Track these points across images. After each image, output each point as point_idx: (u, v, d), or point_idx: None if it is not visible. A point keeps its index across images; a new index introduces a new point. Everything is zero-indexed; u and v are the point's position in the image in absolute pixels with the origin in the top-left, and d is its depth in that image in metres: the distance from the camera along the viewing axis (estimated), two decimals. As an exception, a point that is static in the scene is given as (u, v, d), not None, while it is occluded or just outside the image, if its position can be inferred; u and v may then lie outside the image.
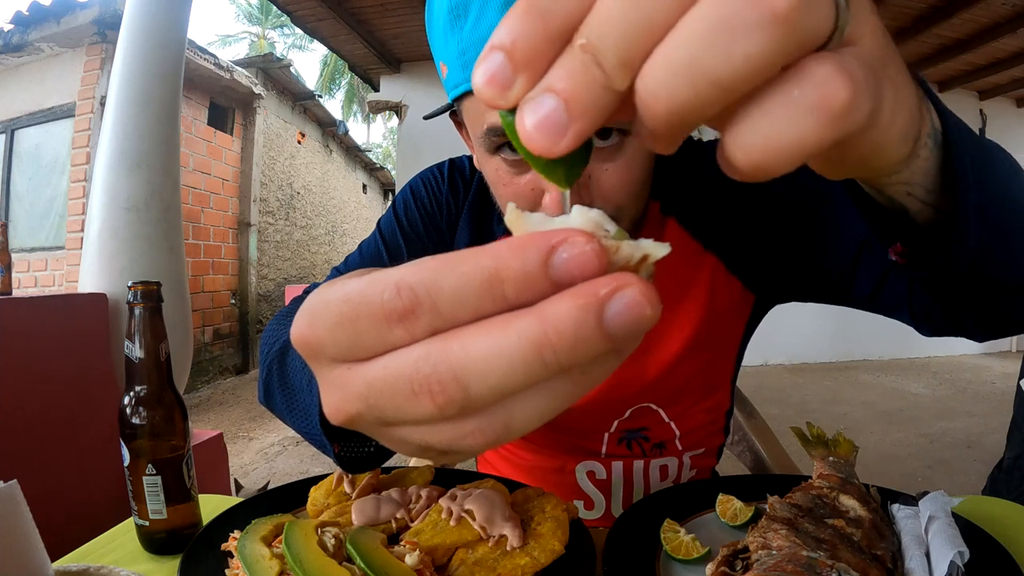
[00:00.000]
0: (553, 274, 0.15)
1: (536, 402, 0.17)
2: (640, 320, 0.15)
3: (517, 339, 0.15)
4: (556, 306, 0.15)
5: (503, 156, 0.52)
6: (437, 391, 0.16)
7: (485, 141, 0.52)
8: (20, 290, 3.99)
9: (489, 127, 0.50)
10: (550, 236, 0.16)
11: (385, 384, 0.17)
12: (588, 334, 0.15)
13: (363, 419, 0.19)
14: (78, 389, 1.71)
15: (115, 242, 1.86)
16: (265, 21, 18.19)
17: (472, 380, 0.16)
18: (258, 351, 0.58)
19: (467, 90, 0.50)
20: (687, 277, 0.66)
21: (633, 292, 0.15)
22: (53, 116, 4.15)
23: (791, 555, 0.40)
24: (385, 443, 0.21)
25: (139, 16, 1.90)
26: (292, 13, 4.67)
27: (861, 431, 3.23)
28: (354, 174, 8.89)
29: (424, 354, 0.17)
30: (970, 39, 4.73)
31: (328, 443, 0.40)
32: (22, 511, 0.38)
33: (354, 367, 0.18)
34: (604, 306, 0.15)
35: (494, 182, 0.55)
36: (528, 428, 0.18)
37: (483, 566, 0.43)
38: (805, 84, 0.16)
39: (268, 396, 0.51)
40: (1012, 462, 1.71)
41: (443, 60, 0.52)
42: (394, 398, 0.17)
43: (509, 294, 0.16)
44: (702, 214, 0.65)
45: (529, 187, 0.52)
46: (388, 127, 24.27)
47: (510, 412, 0.17)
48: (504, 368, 0.16)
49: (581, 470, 0.72)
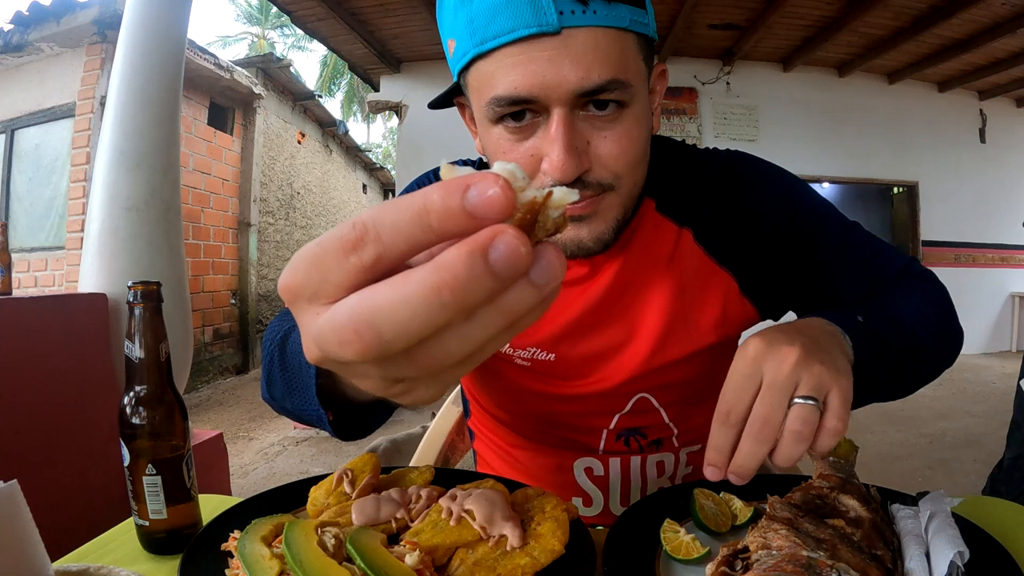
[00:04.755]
0: (467, 206, 0.18)
1: (453, 345, 0.20)
2: (518, 258, 0.18)
3: (417, 286, 0.18)
4: (448, 254, 0.18)
5: (505, 125, 0.54)
6: (354, 339, 0.19)
7: (489, 111, 0.53)
8: (20, 290, 3.99)
9: (493, 96, 0.51)
10: (467, 178, 0.19)
11: (322, 331, 0.20)
12: (479, 272, 0.18)
13: (326, 361, 0.22)
14: (78, 389, 1.71)
15: (115, 242, 1.86)
16: (265, 21, 18.18)
17: (384, 326, 0.19)
18: (259, 350, 0.60)
19: (475, 55, 0.51)
20: (700, 287, 0.67)
21: (509, 236, 0.18)
22: (53, 116, 4.15)
23: (791, 555, 0.40)
24: (354, 382, 0.25)
25: (139, 16, 1.90)
26: (292, 13, 4.67)
27: (861, 431, 3.23)
28: (354, 174, 8.89)
29: (351, 305, 0.20)
30: (970, 39, 4.73)
31: (323, 411, 0.43)
32: (22, 511, 0.38)
33: (320, 312, 0.21)
34: (488, 249, 0.18)
35: (494, 152, 0.57)
36: (457, 373, 0.22)
37: (483, 566, 0.43)
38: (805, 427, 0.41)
39: (270, 385, 0.53)
40: (1012, 462, 1.71)
41: (452, 36, 0.54)
42: (331, 345, 0.20)
43: (434, 223, 0.19)
44: (719, 233, 0.67)
45: (528, 154, 0.53)
46: (388, 127, 24.25)
47: (433, 355, 0.20)
48: (409, 312, 0.19)
49: (579, 467, 0.72)
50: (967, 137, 5.94)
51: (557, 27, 0.47)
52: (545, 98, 0.50)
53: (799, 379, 0.41)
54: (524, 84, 0.49)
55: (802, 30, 4.89)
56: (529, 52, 0.49)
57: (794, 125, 5.65)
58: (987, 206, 5.87)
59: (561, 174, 0.51)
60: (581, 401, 0.69)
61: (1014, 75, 5.41)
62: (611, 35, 0.50)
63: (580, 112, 0.52)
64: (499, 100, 0.51)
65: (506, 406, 0.75)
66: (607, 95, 0.51)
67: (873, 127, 5.76)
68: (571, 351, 0.67)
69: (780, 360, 0.42)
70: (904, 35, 4.71)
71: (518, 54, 0.49)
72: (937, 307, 0.62)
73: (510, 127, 0.53)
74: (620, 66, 0.51)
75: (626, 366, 0.67)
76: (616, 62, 0.50)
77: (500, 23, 0.48)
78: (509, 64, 0.50)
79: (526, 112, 0.52)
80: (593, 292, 0.66)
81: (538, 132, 0.53)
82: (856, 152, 5.74)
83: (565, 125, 0.50)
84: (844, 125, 5.71)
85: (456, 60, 0.54)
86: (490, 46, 0.50)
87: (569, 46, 0.48)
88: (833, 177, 5.98)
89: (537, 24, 0.47)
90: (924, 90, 5.90)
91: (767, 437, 0.40)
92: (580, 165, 0.52)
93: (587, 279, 0.66)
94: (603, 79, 0.49)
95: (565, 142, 0.50)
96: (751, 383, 0.42)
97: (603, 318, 0.67)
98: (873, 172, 5.87)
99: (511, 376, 0.70)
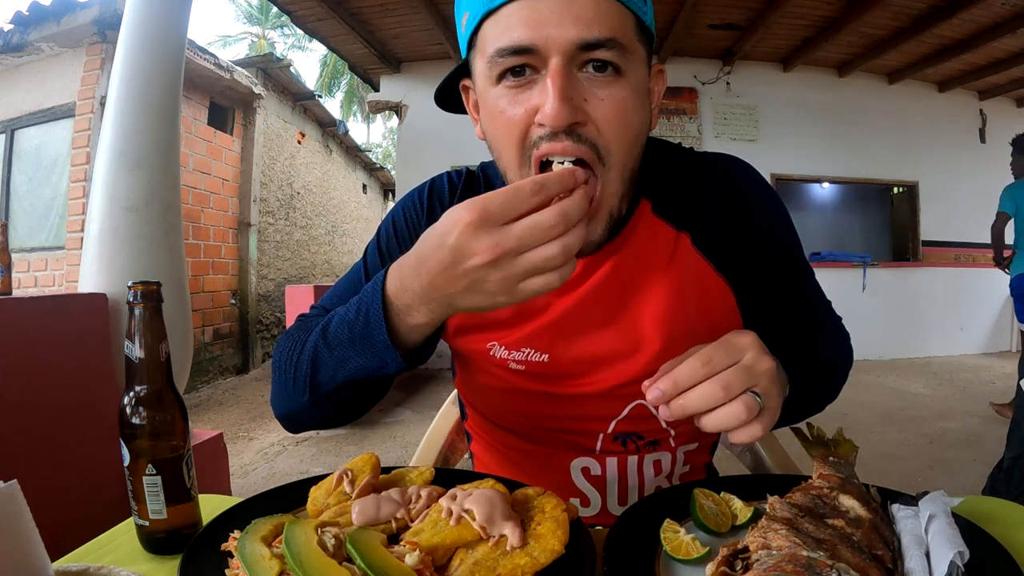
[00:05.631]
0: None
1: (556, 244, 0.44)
2: (583, 205, 0.45)
3: (554, 213, 0.44)
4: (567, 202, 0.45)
5: (505, 83, 0.56)
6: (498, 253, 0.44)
7: (492, 65, 0.55)
8: (20, 290, 3.99)
9: (497, 48, 0.54)
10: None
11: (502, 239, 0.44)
12: (580, 204, 0.45)
13: (456, 276, 0.47)
14: (78, 389, 1.71)
15: (115, 242, 1.86)
16: (265, 21, 18.19)
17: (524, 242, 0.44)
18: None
19: (484, 13, 0.55)
20: (699, 292, 0.67)
21: (577, 194, 0.46)
22: (53, 116, 4.15)
23: (791, 555, 0.40)
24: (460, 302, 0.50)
25: (139, 16, 1.90)
26: (292, 13, 4.67)
27: (861, 431, 3.23)
28: (354, 174, 8.89)
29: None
30: (970, 39, 4.74)
31: (392, 347, 0.52)
32: (22, 511, 0.38)
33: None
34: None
35: (493, 114, 0.58)
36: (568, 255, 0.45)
37: (483, 566, 0.43)
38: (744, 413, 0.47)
39: (315, 369, 0.58)
40: (1012, 462, 1.71)
41: (467, 9, 0.57)
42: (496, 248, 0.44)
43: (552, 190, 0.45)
44: (717, 240, 0.68)
45: (524, 107, 0.55)
46: (388, 127, 24.27)
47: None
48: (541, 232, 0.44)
49: (576, 467, 0.72)
50: (967, 137, 5.95)
51: None
52: (544, 48, 0.52)
53: (761, 382, 0.48)
54: (526, 34, 0.52)
55: (802, 30, 4.90)
56: (533, 5, 0.52)
57: (794, 125, 5.65)
58: (987, 206, 5.83)
59: (553, 119, 0.52)
60: (577, 403, 0.69)
61: (1014, 75, 5.42)
62: (612, 4, 0.53)
63: (578, 72, 0.54)
64: (502, 51, 0.54)
65: (502, 410, 0.75)
66: (605, 53, 0.53)
67: (873, 127, 5.76)
68: (565, 352, 0.67)
69: (761, 359, 0.49)
70: (904, 35, 4.71)
71: (522, 8, 0.53)
72: (846, 364, 0.74)
73: (510, 83, 0.55)
74: (620, 30, 0.54)
75: (622, 368, 0.67)
76: (616, 26, 0.53)
77: None
78: (513, 18, 0.53)
79: (526, 69, 0.55)
80: (586, 291, 0.66)
81: (536, 88, 0.55)
82: (856, 152, 5.74)
83: (562, 75, 0.53)
84: (844, 125, 5.71)
85: (467, 28, 0.58)
86: (498, 2, 0.53)
87: (571, 4, 0.52)
88: (833, 177, 5.99)
89: None
90: (924, 90, 5.90)
91: (719, 397, 0.46)
92: (574, 115, 0.53)
93: (581, 279, 0.66)
94: (603, 35, 0.52)
95: (560, 90, 0.52)
96: (736, 354, 0.48)
97: (597, 318, 0.67)
98: (873, 172, 5.88)
99: (506, 380, 0.70)
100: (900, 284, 5.88)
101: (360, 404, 0.65)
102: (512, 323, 0.68)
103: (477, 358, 0.72)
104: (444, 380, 4.81)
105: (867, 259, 5.85)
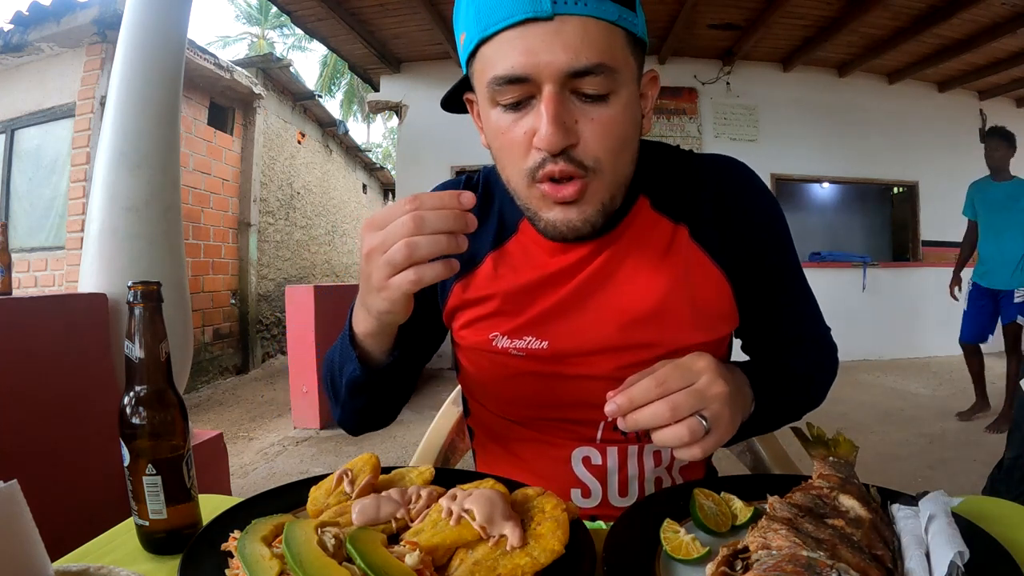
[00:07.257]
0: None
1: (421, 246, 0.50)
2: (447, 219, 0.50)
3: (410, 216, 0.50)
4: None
5: (503, 107, 0.59)
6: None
7: (489, 91, 0.58)
8: (20, 290, 3.99)
9: (493, 76, 0.57)
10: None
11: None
12: (442, 216, 0.50)
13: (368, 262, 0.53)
14: (78, 389, 1.71)
15: (115, 242, 1.86)
16: (265, 21, 18.19)
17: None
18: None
19: (480, 40, 0.57)
20: (698, 282, 0.68)
21: (449, 212, 0.51)
22: (53, 116, 4.16)
23: (791, 555, 0.40)
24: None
25: (139, 16, 1.90)
26: (292, 13, 4.67)
27: (861, 431, 3.23)
28: (354, 174, 8.89)
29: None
30: (970, 39, 4.74)
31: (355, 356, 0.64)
32: (22, 511, 0.38)
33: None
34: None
35: (494, 133, 0.61)
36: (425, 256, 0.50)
37: (483, 566, 0.43)
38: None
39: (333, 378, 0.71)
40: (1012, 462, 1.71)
41: (463, 30, 0.60)
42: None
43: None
44: (715, 233, 0.69)
45: (522, 131, 0.58)
46: (388, 127, 24.28)
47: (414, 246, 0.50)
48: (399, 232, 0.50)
49: (577, 456, 0.73)
50: (967, 137, 5.93)
51: (551, 13, 0.54)
52: (537, 76, 0.55)
53: (711, 407, 0.51)
54: (519, 63, 0.55)
55: (802, 30, 4.90)
56: (525, 35, 0.55)
57: (794, 125, 5.65)
58: (987, 206, 5.86)
59: (548, 144, 0.56)
60: (577, 387, 0.70)
61: (1014, 75, 5.42)
62: (600, 26, 0.55)
63: (570, 95, 0.57)
64: (498, 79, 0.56)
65: (504, 400, 0.76)
66: (594, 78, 0.55)
67: (873, 127, 5.76)
68: (564, 338, 0.69)
69: (714, 384, 0.52)
70: (904, 35, 4.71)
71: (515, 37, 0.55)
72: (828, 376, 0.77)
73: (508, 108, 0.58)
74: (608, 54, 0.56)
75: (620, 355, 0.68)
76: (604, 50, 0.55)
77: (501, 10, 0.55)
78: (507, 46, 0.56)
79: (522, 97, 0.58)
80: (584, 277, 0.68)
81: (532, 112, 0.58)
82: (856, 152, 5.73)
83: (554, 101, 0.55)
84: (844, 125, 5.71)
85: (465, 49, 0.61)
86: (492, 30, 0.56)
87: (560, 32, 0.54)
88: (833, 177, 5.99)
89: (533, 10, 0.54)
90: (924, 90, 5.90)
91: (667, 417, 0.50)
92: (567, 138, 0.56)
93: (580, 267, 0.69)
94: (591, 62, 0.55)
95: (553, 115, 0.55)
96: (690, 377, 0.52)
97: (594, 303, 0.69)
98: (873, 172, 5.87)
99: (508, 368, 0.72)
100: (900, 284, 5.87)
101: (377, 407, 0.72)
102: (513, 312, 0.70)
103: (480, 350, 0.73)
104: (444, 380, 4.81)
105: (867, 259, 5.85)
